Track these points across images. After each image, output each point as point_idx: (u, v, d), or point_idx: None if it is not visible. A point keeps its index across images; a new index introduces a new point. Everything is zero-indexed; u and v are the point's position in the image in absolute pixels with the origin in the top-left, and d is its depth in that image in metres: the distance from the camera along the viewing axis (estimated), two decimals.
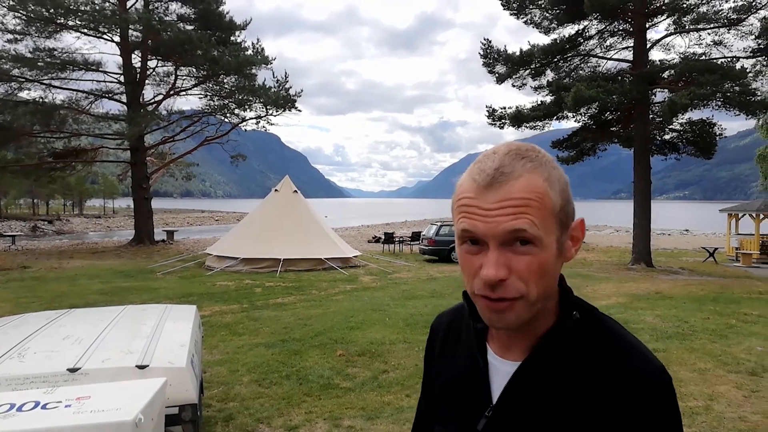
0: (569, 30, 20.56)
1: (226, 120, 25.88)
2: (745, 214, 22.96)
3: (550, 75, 21.46)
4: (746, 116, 19.10)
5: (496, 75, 21.36)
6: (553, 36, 20.76)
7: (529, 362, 0.83)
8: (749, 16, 18.28)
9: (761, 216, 21.98)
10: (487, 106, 21.31)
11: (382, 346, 7.24)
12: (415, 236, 23.49)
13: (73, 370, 2.88)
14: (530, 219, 0.75)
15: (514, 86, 21.73)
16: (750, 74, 21.76)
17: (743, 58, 19.13)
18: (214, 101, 25.22)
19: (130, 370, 2.95)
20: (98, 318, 4.26)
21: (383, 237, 24.60)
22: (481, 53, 20.97)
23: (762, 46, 18.61)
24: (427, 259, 19.46)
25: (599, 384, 0.78)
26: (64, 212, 71.88)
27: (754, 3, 17.91)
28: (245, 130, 26.53)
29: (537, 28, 21.02)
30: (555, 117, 20.93)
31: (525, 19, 20.82)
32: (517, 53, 20.47)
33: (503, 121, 21.29)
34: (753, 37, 18.60)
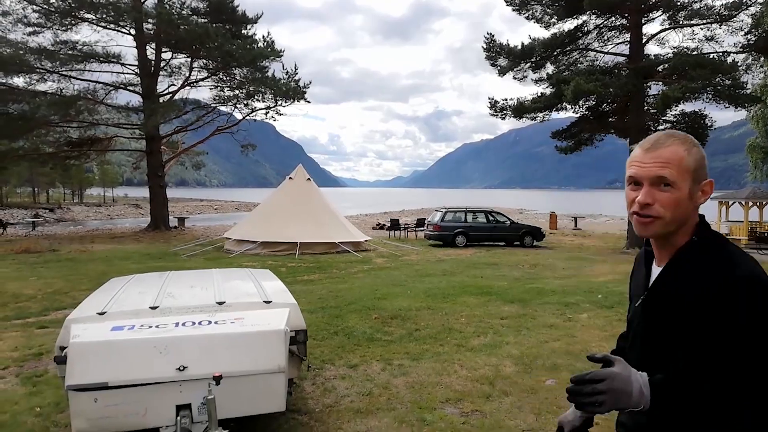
0: (569, 25, 21.51)
1: (236, 111, 26.77)
2: (734, 202, 24.10)
3: (550, 68, 22.44)
4: (735, 108, 20.15)
5: (498, 68, 22.35)
6: (553, 30, 21.72)
7: (668, 266, 1.31)
8: (740, 12, 19.25)
9: (750, 204, 23.14)
10: (489, 98, 22.32)
11: (410, 311, 8.30)
12: (420, 223, 24.57)
13: (220, 303, 3.92)
14: (670, 170, 1.23)
15: (515, 78, 22.70)
16: (741, 68, 22.85)
17: (734, 53, 20.11)
18: (224, 92, 26.10)
19: (259, 304, 3.99)
20: (199, 277, 5.30)
21: (389, 223, 25.66)
22: (484, 47, 21.93)
23: (751, 42, 19.58)
24: (432, 244, 20.51)
25: (711, 283, 1.18)
26: (64, 201, 72.48)
27: (744, 0, 18.88)
28: (254, 120, 27.43)
29: (538, 22, 21.95)
30: (554, 108, 21.91)
31: (527, 14, 21.73)
32: (519, 47, 21.45)
33: (505, 112, 22.28)
34: (743, 32, 19.58)
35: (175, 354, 3.24)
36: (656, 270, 1.35)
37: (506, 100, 22.20)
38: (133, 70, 24.35)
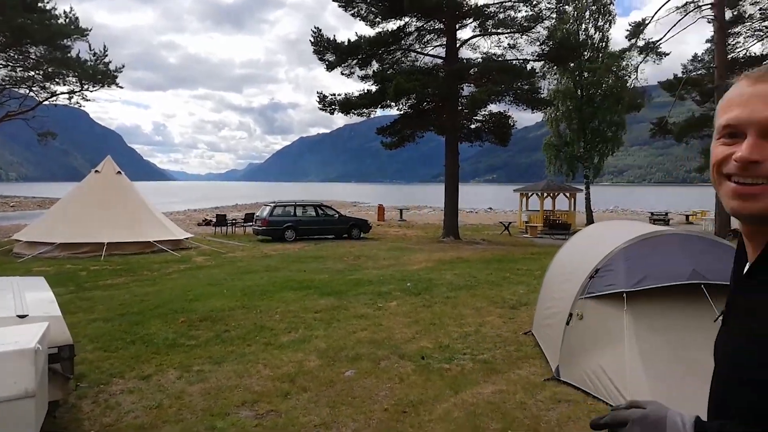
0: (392, 25, 22.37)
1: (33, 94, 23.30)
2: (533, 194, 27.38)
3: (375, 65, 23.19)
4: (532, 111, 22.78)
5: (327, 63, 22.49)
6: (378, 29, 22.46)
7: (755, 263, 0.88)
8: (537, 24, 21.67)
9: (544, 195, 26.44)
10: (318, 92, 22.37)
11: (222, 312, 7.93)
12: (249, 218, 23.82)
13: None
14: None
15: (343, 74, 23.05)
16: (538, 75, 25.84)
17: (532, 60, 22.60)
18: (17, 72, 22.54)
19: (10, 319, 3.42)
20: None
21: (215, 219, 24.49)
22: (312, 41, 21.89)
23: (546, 51, 22.23)
24: (261, 239, 20.02)
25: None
26: None
27: (541, 14, 21.33)
28: (54, 105, 24.15)
29: (363, 21, 22.49)
30: (380, 105, 22.69)
31: (352, 11, 22.14)
32: (346, 44, 21.80)
33: (333, 106, 22.54)
34: (539, 43, 22.12)
35: None
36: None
37: (334, 95, 22.48)
38: None
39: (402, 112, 23.08)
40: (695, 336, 4.34)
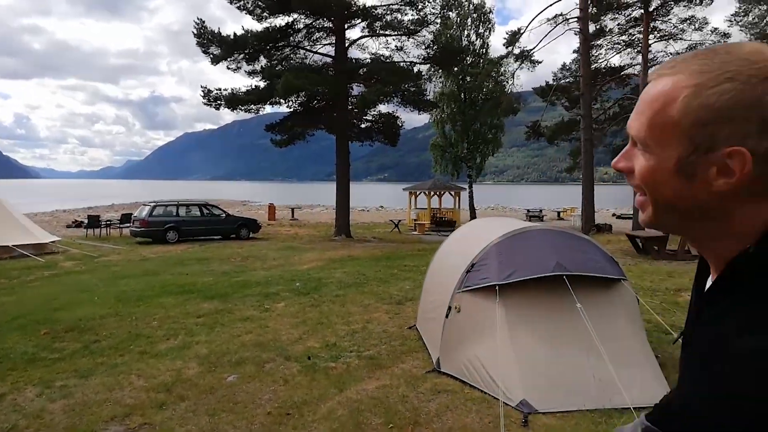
0: (280, 21, 21.96)
1: None
2: (421, 193, 28.27)
3: (263, 61, 22.64)
4: (419, 112, 23.50)
5: (211, 56, 21.58)
6: (266, 24, 21.93)
7: (711, 287, 0.77)
8: (422, 29, 22.35)
9: (431, 193, 27.42)
10: (202, 86, 21.41)
11: (92, 321, 7.32)
12: (126, 218, 22.21)
13: None
14: (641, 122, 0.73)
15: (229, 68, 22.26)
16: (424, 77, 26.69)
17: (419, 63, 23.29)
18: None
19: None
20: None
21: (86, 220, 22.56)
22: (195, 32, 20.91)
23: (431, 55, 23.01)
24: (139, 241, 18.78)
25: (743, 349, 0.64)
26: None
27: (426, 18, 22.03)
28: None
29: (250, 14, 21.82)
30: (269, 102, 22.21)
31: (238, 4, 21.43)
32: (232, 37, 21.04)
33: (219, 102, 21.71)
34: (425, 46, 22.85)
35: None
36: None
37: (220, 90, 21.65)
38: None
39: (292, 110, 22.79)
40: (559, 323, 4.74)
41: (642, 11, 22.17)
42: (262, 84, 21.67)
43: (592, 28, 22.82)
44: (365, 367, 5.34)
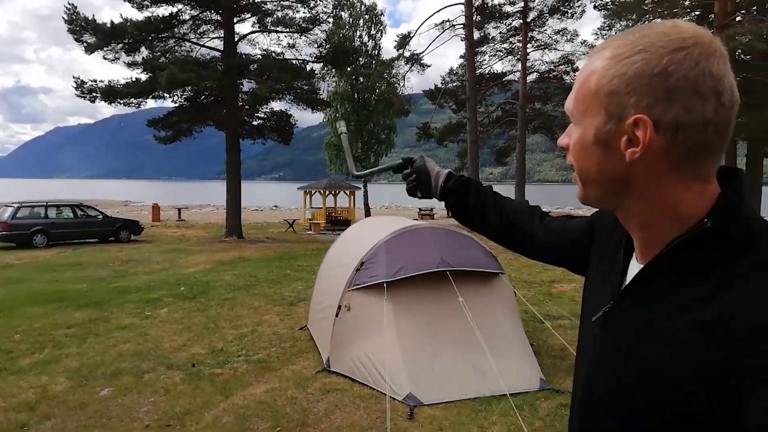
0: (163, 10, 20.73)
1: None
2: (316, 192, 28.12)
3: (145, 52, 21.26)
4: (312, 111, 23.34)
5: (85, 45, 19.89)
6: (147, 13, 20.61)
7: (649, 265, 0.76)
8: (315, 27, 22.21)
9: (326, 192, 27.38)
10: (74, 77, 19.70)
11: None
12: None
13: None
14: (571, 97, 0.77)
15: (106, 59, 20.68)
16: (317, 76, 26.53)
17: (311, 62, 23.11)
18: None
19: None
20: None
21: None
22: (66, 19, 19.17)
23: (323, 54, 22.93)
24: (1, 246, 16.88)
25: (731, 310, 0.64)
26: None
27: (318, 17, 21.92)
28: None
29: (129, 2, 20.43)
30: (151, 96, 20.93)
31: None
32: (108, 25, 19.54)
33: (94, 94, 20.08)
34: (317, 45, 22.72)
35: None
36: (635, 269, 0.81)
37: (96, 81, 20.02)
38: None
39: (177, 105, 21.64)
40: (443, 317, 4.94)
41: (521, 21, 23.73)
42: (143, 76, 20.36)
43: (476, 35, 24.02)
44: (253, 371, 5.21)
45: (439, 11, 22.16)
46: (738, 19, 18.62)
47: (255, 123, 23.05)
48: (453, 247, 5.37)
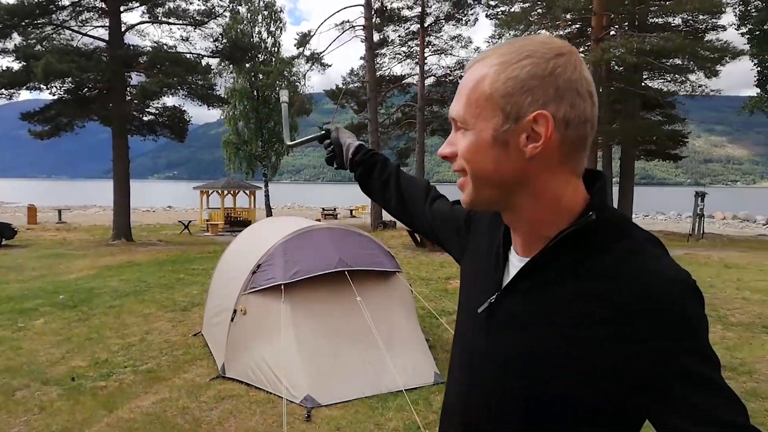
0: None
1: None
2: (213, 191, 27.08)
3: (18, 39, 19.31)
4: (209, 107, 22.45)
5: None
6: None
7: (535, 259, 0.81)
8: (210, 20, 21.38)
9: (225, 192, 26.47)
10: None
11: None
12: None
13: None
14: (460, 103, 0.80)
15: None
16: (214, 71, 25.55)
17: (207, 56, 22.20)
18: None
19: None
20: None
21: None
22: None
23: (219, 49, 22.12)
24: None
25: (618, 289, 0.72)
26: None
27: (213, 10, 21.11)
28: None
29: None
30: (25, 87, 19.10)
31: None
32: None
33: None
34: (213, 39, 21.87)
35: None
36: (517, 263, 0.86)
37: None
38: None
39: (57, 97, 19.88)
40: (341, 317, 4.96)
41: (419, 26, 24.41)
42: (16, 65, 18.51)
43: (376, 37, 24.36)
44: (141, 382, 4.92)
45: (338, 11, 22.23)
46: (612, 33, 20.49)
47: (146, 119, 21.78)
48: (351, 247, 5.41)
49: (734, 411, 0.67)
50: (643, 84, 21.63)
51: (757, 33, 20.98)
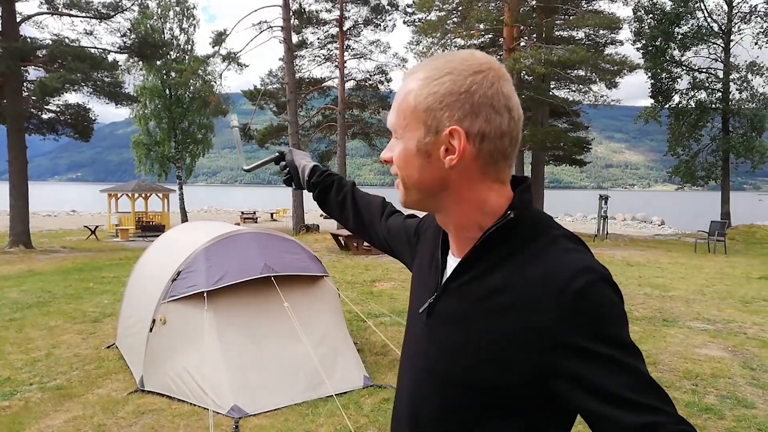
0: None
1: None
2: (123, 194, 25.59)
3: None
4: (116, 105, 21.19)
5: None
6: None
7: (465, 258, 0.87)
8: (116, 14, 20.19)
9: (136, 195, 25.11)
10: None
11: None
12: None
13: None
14: (393, 113, 0.88)
15: None
16: (122, 68, 24.17)
17: (114, 52, 20.96)
18: None
19: None
20: None
21: None
22: None
23: (128, 44, 20.95)
24: None
25: (531, 280, 0.79)
26: None
27: (120, 3, 19.96)
28: None
29: None
30: None
31: None
32: None
33: None
34: (120, 34, 20.66)
35: None
36: (453, 263, 0.91)
37: None
38: None
39: None
40: (268, 324, 4.88)
41: (338, 29, 24.42)
42: None
43: (295, 39, 24.11)
44: (50, 400, 4.58)
45: (256, 11, 21.75)
46: (522, 44, 21.56)
47: (45, 116, 20.26)
48: (277, 251, 5.34)
49: (651, 396, 0.72)
50: (550, 93, 22.92)
51: (650, 48, 22.95)
